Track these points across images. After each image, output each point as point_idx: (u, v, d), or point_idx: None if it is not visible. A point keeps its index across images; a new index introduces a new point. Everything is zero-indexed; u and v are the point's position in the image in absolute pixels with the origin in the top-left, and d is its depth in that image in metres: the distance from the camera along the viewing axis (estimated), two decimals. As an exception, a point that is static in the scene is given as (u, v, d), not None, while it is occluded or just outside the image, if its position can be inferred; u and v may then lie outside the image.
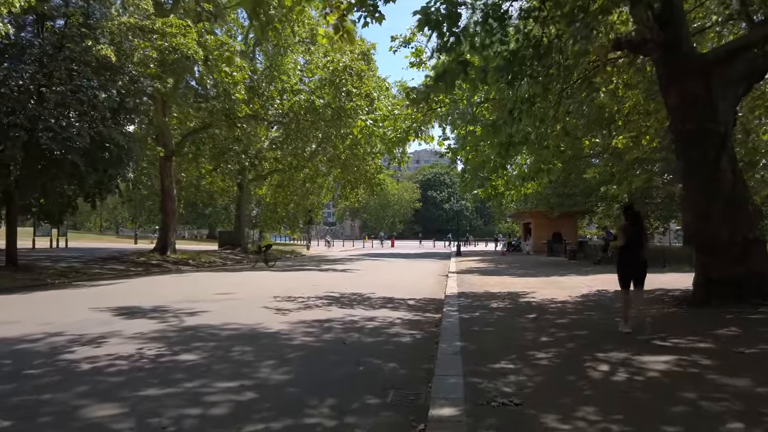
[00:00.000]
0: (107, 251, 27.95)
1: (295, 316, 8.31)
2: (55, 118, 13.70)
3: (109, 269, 18.40)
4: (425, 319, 8.27)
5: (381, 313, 8.85)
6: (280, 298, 10.52)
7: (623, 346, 5.79)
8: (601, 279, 14.30)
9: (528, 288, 12.31)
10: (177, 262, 22.21)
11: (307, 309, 9.17)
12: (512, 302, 9.82)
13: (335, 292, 11.82)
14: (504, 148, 8.27)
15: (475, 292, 11.52)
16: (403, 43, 11.53)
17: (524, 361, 5.18)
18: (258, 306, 9.42)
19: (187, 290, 12.40)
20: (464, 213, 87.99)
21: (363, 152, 24.85)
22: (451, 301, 9.99)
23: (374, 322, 7.93)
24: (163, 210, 24.30)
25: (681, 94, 8.59)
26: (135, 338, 6.32)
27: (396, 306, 9.78)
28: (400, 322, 8.00)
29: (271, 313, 8.55)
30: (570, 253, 25.63)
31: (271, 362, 5.32)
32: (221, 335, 6.66)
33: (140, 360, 5.26)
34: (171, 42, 14.84)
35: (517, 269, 19.74)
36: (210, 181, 31.30)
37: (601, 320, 7.56)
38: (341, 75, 21.91)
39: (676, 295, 9.99)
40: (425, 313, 9.03)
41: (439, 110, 12.48)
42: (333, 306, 9.62)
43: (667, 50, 8.65)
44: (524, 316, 8.08)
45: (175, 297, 10.72)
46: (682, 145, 8.77)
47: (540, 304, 9.55)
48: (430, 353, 5.83)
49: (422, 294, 11.88)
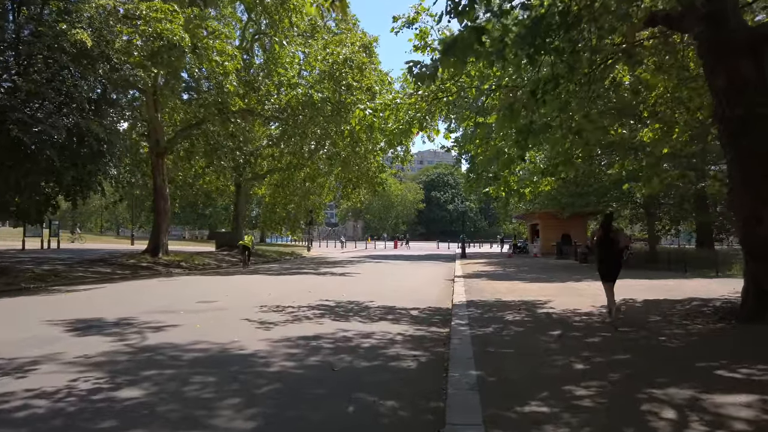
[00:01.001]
0: (100, 252, 26.91)
1: (280, 331, 7.13)
2: (30, 109, 12.63)
3: (94, 272, 17.29)
4: (431, 335, 7.10)
5: (379, 327, 7.68)
6: (267, 308, 9.35)
7: (682, 377, 4.60)
8: (623, 285, 13.05)
9: (543, 295, 11.11)
10: (168, 264, 21.10)
11: (295, 322, 7.99)
12: (529, 314, 8.63)
13: (330, 300, 10.65)
14: (523, 135, 7.09)
15: (485, 301, 10.34)
16: (406, 24, 10.35)
17: (561, 401, 4.00)
18: (239, 318, 8.26)
19: (168, 297, 11.26)
20: (468, 214, 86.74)
21: (364, 150, 23.66)
22: (459, 312, 8.81)
23: (371, 339, 6.76)
24: (155, 210, 23.20)
25: (729, 74, 7.38)
26: (74, 364, 5.16)
27: (397, 318, 8.61)
28: (402, 339, 6.83)
29: (252, 328, 7.38)
30: (581, 256, 24.40)
31: (236, 401, 4.16)
32: (183, 359, 5.50)
33: (66, 398, 4.11)
34: (156, 27, 13.72)
35: (527, 273, 18.53)
36: (207, 180, 30.20)
37: (641, 340, 6.36)
38: (341, 68, 20.74)
39: (717, 306, 8.78)
40: (430, 326, 7.85)
41: (444, 99, 11.30)
42: (325, 318, 8.45)
43: (711, 24, 7.46)
44: (547, 333, 6.88)
45: (150, 306, 9.58)
46: (729, 135, 7.57)
47: (561, 316, 8.35)
48: (439, 385, 4.67)
49: (427, 302, 10.71)
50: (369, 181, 28.83)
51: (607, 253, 7.67)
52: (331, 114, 21.00)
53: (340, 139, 23.00)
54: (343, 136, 22.72)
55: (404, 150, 29.19)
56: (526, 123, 7.15)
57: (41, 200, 14.41)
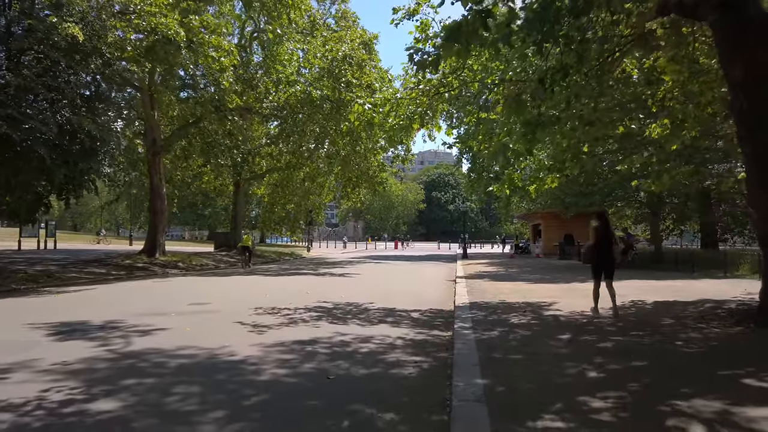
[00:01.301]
0: (96, 253, 26.58)
1: (274, 335, 6.76)
2: (20, 105, 12.26)
3: (88, 273, 16.93)
4: (433, 340, 6.73)
5: (379, 330, 7.31)
6: (261, 310, 8.98)
7: (706, 387, 4.23)
8: (630, 286, 12.70)
9: (548, 297, 10.74)
10: (165, 264, 20.73)
11: (291, 325, 7.62)
12: (535, 316, 8.26)
13: (328, 302, 10.28)
14: (530, 128, 6.71)
15: (488, 302, 9.97)
16: (406, 15, 9.98)
17: (577, 415, 3.63)
18: (232, 321, 7.89)
19: (160, 299, 10.90)
20: (469, 214, 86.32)
21: (364, 148, 23.27)
22: (462, 315, 8.44)
23: (370, 343, 6.39)
24: (152, 209, 22.84)
25: (747, 65, 7.00)
26: (50, 372, 4.80)
27: (397, 320, 8.24)
28: (402, 343, 6.46)
29: (244, 332, 7.01)
30: (584, 257, 24.02)
31: (220, 414, 3.79)
32: (168, 366, 5.13)
33: (33, 412, 3.74)
34: (150, 22, 13.36)
35: (530, 274, 18.17)
36: (206, 180, 29.81)
37: (656, 345, 5.98)
38: (341, 65, 20.37)
39: (731, 308, 8.40)
40: (432, 330, 7.49)
41: (446, 95, 10.93)
42: (322, 320, 8.08)
43: (728, 12, 7.08)
44: (556, 337, 6.51)
45: (140, 308, 9.21)
46: (746, 128, 7.19)
47: (569, 318, 7.98)
48: (442, 395, 4.30)
49: (428, 304, 10.34)
50: (369, 180, 28.46)
51: (608, 251, 7.94)
52: (330, 112, 20.63)
53: (339, 137, 22.64)
54: (342, 135, 22.36)
55: (405, 149, 28.89)
56: (533, 115, 6.77)
57: (32, 199, 14.05)
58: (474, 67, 10.73)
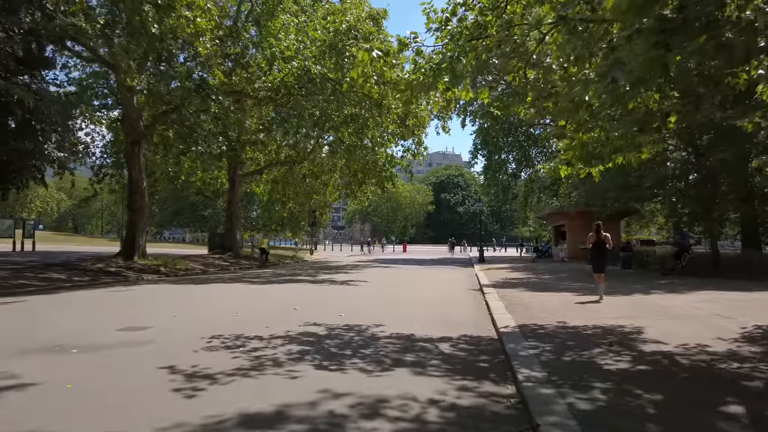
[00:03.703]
0: (75, 255, 24.01)
1: (212, 401, 3.88)
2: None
3: (43, 279, 14.19)
4: (490, 406, 3.83)
5: (395, 382, 4.43)
6: (218, 342, 6.10)
7: None
8: (719, 300, 9.74)
9: (622, 318, 7.79)
10: (142, 269, 17.95)
11: (252, 372, 4.74)
12: (634, 355, 5.33)
13: (321, 324, 7.39)
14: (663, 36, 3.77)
15: (544, 327, 7.07)
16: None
17: None
18: (161, 363, 5.01)
19: (89, 319, 8.00)
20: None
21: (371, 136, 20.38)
22: (518, 350, 5.54)
23: (383, 420, 3.50)
24: (130, 206, 20.08)
25: None
26: None
27: (421, 359, 5.35)
28: (438, 417, 3.57)
29: (164, 391, 4.14)
30: (623, 261, 20.97)
31: None
32: None
33: None
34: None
35: (569, 281, 15.27)
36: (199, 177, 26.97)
37: None
38: (344, 39, 17.55)
39: None
40: (481, 380, 4.59)
41: (483, 43, 8.03)
42: (305, 361, 5.20)
43: None
44: (716, 407, 3.58)
45: (43, 336, 6.37)
46: None
47: (694, 362, 5.05)
48: None
49: (458, 325, 7.46)
50: (377, 175, 25.61)
51: (601, 251, 10.23)
52: (333, 93, 17.78)
53: (343, 124, 19.77)
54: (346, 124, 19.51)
55: (416, 142, 26.03)
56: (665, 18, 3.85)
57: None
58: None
